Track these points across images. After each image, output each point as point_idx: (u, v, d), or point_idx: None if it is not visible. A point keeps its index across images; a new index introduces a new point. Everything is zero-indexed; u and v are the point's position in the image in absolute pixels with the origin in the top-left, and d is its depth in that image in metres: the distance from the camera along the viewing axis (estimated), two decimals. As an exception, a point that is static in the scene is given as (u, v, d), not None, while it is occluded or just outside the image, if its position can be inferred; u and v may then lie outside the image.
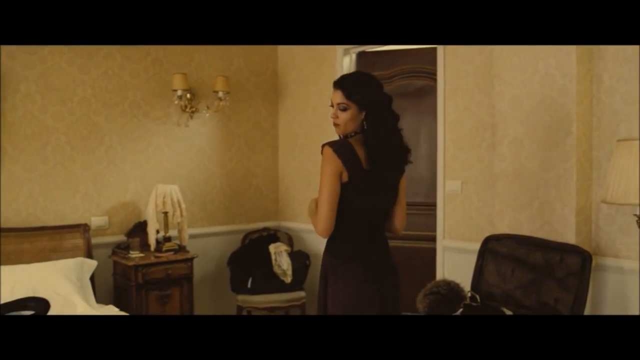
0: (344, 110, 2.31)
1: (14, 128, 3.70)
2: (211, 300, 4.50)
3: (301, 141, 4.74)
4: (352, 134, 2.35)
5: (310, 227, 4.48)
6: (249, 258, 4.36)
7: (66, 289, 3.38)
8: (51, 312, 3.04)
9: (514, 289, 3.17)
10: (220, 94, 4.35)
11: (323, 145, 2.31)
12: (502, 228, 3.35)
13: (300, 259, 4.37)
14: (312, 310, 4.56)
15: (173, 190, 4.03)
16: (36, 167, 3.79)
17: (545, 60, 3.11)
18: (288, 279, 4.28)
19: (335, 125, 2.37)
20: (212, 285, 4.51)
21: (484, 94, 3.57)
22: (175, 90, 4.19)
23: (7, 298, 3.13)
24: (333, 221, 2.28)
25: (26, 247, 3.64)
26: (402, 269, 4.33)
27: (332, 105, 2.36)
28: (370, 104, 2.31)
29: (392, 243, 4.39)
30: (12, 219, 3.70)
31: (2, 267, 3.40)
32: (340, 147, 2.28)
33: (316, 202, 2.33)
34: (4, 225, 3.64)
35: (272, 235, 4.60)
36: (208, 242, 4.46)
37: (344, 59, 4.41)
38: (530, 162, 3.22)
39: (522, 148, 3.24)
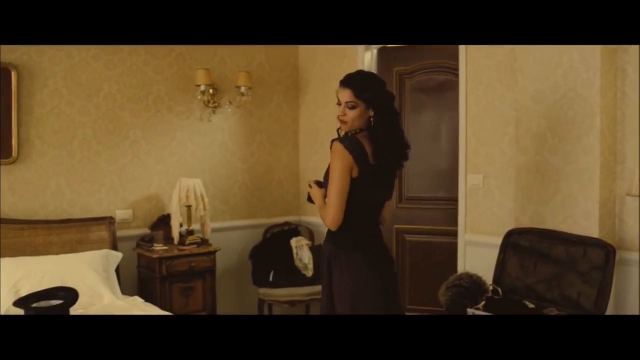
0: (353, 108, 2.44)
1: (42, 123, 3.78)
2: (233, 293, 4.55)
3: (322, 136, 4.77)
4: (358, 131, 2.46)
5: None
6: (271, 252, 4.40)
7: (93, 280, 3.45)
8: (79, 303, 3.10)
9: (537, 282, 3.17)
10: (243, 89, 4.40)
11: (333, 141, 2.43)
12: (525, 222, 3.35)
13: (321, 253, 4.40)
14: (333, 304, 4.59)
15: (197, 184, 4.08)
16: (63, 161, 3.87)
17: (569, 53, 3.11)
18: (309, 273, 4.32)
19: (343, 122, 2.47)
20: (234, 279, 4.56)
21: (506, 89, 3.57)
22: (199, 86, 4.24)
23: (36, 288, 3.19)
24: (342, 214, 2.40)
25: (54, 239, 3.71)
26: (423, 264, 4.38)
27: (339, 104, 2.46)
28: (379, 102, 2.44)
29: (413, 238, 4.43)
30: (40, 212, 3.78)
31: (32, 258, 3.49)
32: (351, 144, 2.40)
33: (321, 194, 2.50)
34: (33, 218, 3.72)
35: (294, 230, 4.64)
36: (230, 236, 4.51)
37: (365, 55, 4.44)
38: (554, 156, 3.21)
39: (545, 142, 3.24)
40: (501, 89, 3.60)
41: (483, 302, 3.03)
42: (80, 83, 3.91)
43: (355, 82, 2.45)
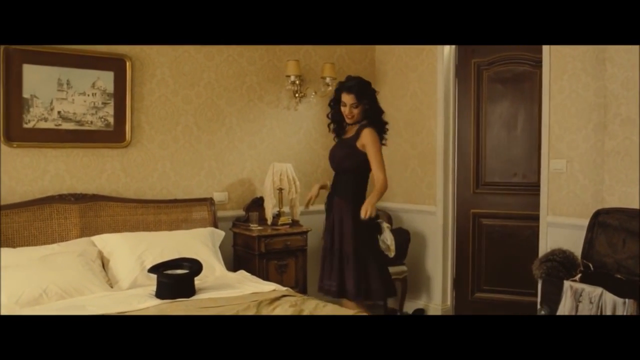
0: (356, 107, 3.47)
1: (151, 109, 4.08)
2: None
3: (399, 125, 5.00)
4: (363, 122, 3.50)
5: (407, 206, 4.77)
6: (354, 233, 4.63)
7: (206, 253, 3.72)
8: (196, 274, 3.36)
9: (626, 258, 3.36)
10: (328, 79, 4.65)
11: (364, 128, 3.46)
12: (613, 202, 3.55)
13: (402, 235, 4.64)
14: (414, 283, 4.83)
15: (288, 168, 4.34)
16: (168, 146, 4.16)
17: (660, 43, 3.29)
18: (391, 254, 4.51)
19: (350, 118, 3.50)
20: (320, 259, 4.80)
21: (591, 77, 3.76)
22: (289, 76, 4.50)
23: (157, 259, 3.46)
24: None
25: (163, 217, 4.00)
26: (498, 247, 4.59)
27: (344, 105, 3.47)
28: (372, 101, 3.50)
29: (489, 222, 4.64)
30: (149, 192, 4.08)
31: (149, 232, 3.79)
32: (376, 128, 3.49)
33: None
34: (143, 197, 4.02)
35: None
36: (313, 219, 4.75)
37: (444, 47, 4.66)
38: (643, 140, 3.41)
39: (634, 126, 3.43)
40: (586, 78, 3.79)
41: (579, 275, 3.23)
42: (184, 73, 4.20)
43: (355, 89, 3.44)
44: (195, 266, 3.34)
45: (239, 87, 4.45)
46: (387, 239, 4.57)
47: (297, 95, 4.67)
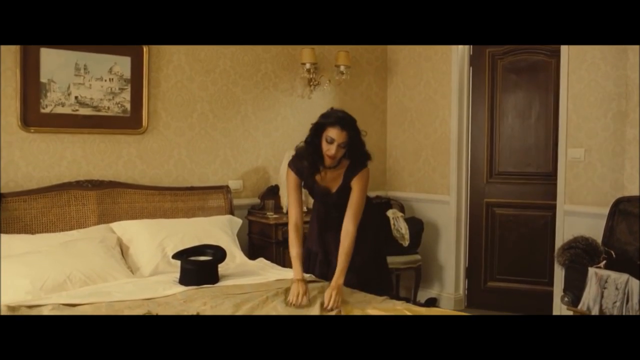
0: (344, 147, 2.83)
1: (167, 96, 4.03)
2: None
3: (411, 115, 4.99)
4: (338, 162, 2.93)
5: (419, 196, 4.78)
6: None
7: (226, 240, 3.69)
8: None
9: (648, 246, 3.39)
10: (342, 67, 4.62)
11: (363, 168, 2.93)
12: (634, 190, 3.56)
13: (416, 224, 4.64)
14: (427, 272, 4.83)
15: (304, 157, 4.31)
16: (184, 133, 4.12)
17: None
18: (406, 243, 4.54)
19: (331, 158, 2.84)
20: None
21: (610, 66, 3.78)
22: (304, 64, 4.47)
23: (178, 246, 3.42)
24: None
25: (180, 205, 3.96)
26: (512, 237, 4.61)
27: (329, 142, 2.80)
28: (359, 139, 2.89)
29: (502, 211, 4.65)
30: (165, 179, 4.04)
31: (168, 220, 3.75)
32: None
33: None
34: (159, 185, 3.98)
35: (386, 203, 4.88)
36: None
37: (458, 36, 4.65)
38: (664, 128, 3.43)
39: (656, 115, 3.45)
40: (605, 67, 3.81)
41: (604, 262, 3.25)
42: (200, 59, 4.15)
43: (349, 126, 2.81)
44: (219, 253, 3.32)
45: (254, 74, 4.41)
46: (402, 227, 4.59)
47: (311, 83, 4.64)
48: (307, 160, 2.95)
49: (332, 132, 2.80)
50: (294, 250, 2.94)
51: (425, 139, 4.92)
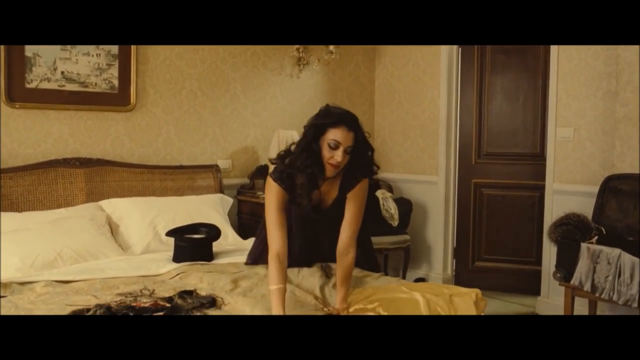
0: (349, 152, 2.32)
1: (156, 72, 3.95)
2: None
3: (399, 95, 4.98)
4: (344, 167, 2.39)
5: (407, 177, 4.79)
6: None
7: (218, 219, 3.64)
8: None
9: (637, 222, 3.44)
10: (331, 47, 4.58)
11: (360, 179, 2.44)
12: (624, 168, 3.60)
13: (404, 204, 4.64)
14: (415, 252, 4.85)
15: (294, 135, 4.27)
16: (173, 111, 4.04)
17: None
18: (395, 223, 4.53)
19: (336, 167, 2.33)
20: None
21: (600, 46, 3.80)
22: (294, 42, 4.43)
23: (170, 224, 3.38)
24: None
25: (169, 184, 3.90)
26: (502, 216, 4.64)
27: (335, 147, 2.28)
28: (365, 144, 2.41)
29: (490, 192, 4.68)
30: (153, 158, 3.97)
31: (159, 198, 3.69)
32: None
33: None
34: (147, 163, 3.91)
35: (375, 183, 4.86)
36: (315, 189, 4.73)
37: (447, 16, 4.64)
38: (655, 106, 3.47)
39: (647, 93, 3.49)
40: (595, 46, 3.83)
41: (596, 237, 3.29)
42: (188, 36, 4.07)
43: (356, 125, 2.34)
44: (213, 231, 3.28)
45: (243, 52, 4.35)
46: (391, 207, 4.58)
47: (300, 62, 4.59)
48: (303, 173, 2.35)
49: (337, 134, 2.27)
50: (275, 285, 2.21)
51: (413, 120, 4.92)
